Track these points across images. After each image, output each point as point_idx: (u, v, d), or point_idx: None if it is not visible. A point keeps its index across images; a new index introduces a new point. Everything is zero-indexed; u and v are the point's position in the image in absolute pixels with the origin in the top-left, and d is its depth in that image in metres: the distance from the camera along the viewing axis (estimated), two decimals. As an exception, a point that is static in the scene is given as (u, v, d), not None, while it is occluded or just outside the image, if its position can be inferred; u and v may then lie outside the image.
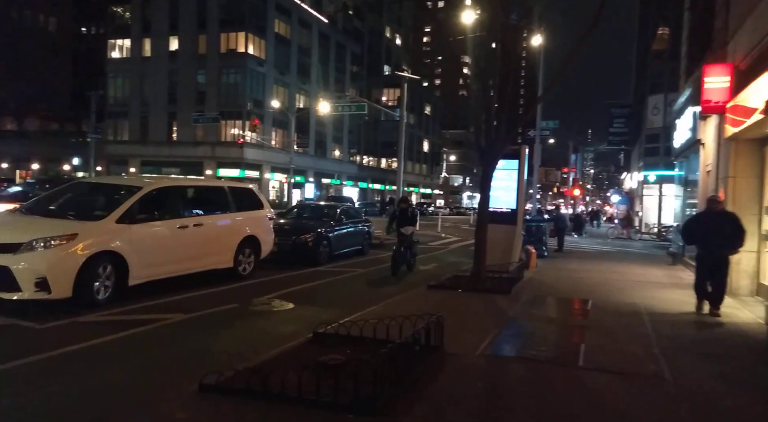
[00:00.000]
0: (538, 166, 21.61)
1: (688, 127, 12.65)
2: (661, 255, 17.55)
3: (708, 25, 11.41)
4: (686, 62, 14.47)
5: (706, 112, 9.27)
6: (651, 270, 12.77)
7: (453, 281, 9.60)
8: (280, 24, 44.82)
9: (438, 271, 11.78)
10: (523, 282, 10.05)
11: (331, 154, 54.71)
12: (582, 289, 9.50)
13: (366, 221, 14.52)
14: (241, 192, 9.38)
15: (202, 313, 6.66)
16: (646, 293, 9.18)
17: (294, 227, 11.66)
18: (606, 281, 10.61)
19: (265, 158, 42.30)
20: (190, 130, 41.68)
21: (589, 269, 12.69)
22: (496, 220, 11.74)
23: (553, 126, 20.84)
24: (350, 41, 58.12)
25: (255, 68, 41.67)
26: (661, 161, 31.51)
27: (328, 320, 6.44)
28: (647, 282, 10.73)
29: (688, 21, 14.14)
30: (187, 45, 42.33)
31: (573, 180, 37.46)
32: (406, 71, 72.54)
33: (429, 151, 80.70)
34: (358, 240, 13.69)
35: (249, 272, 9.19)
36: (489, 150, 9.74)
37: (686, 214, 14.44)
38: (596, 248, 20.74)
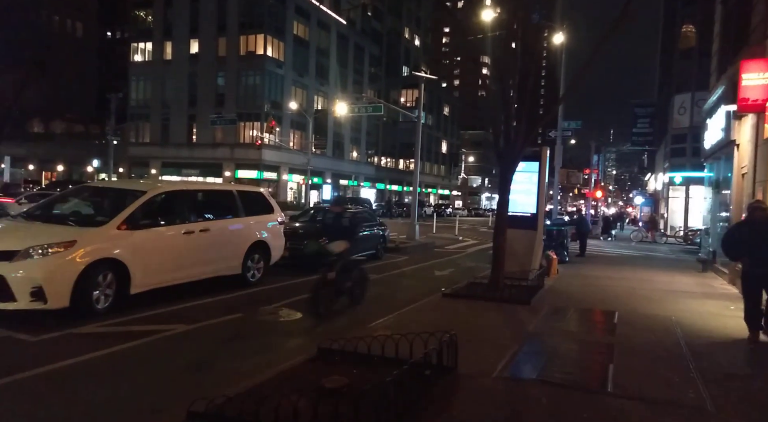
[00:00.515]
0: (560, 167, 20.95)
1: (720, 127, 11.96)
2: (689, 261, 16.78)
3: (744, 19, 10.74)
4: (717, 59, 13.74)
5: (743, 110, 8.65)
6: (680, 278, 12.12)
7: (469, 289, 9.17)
8: (298, 26, 44.80)
9: (454, 277, 11.37)
10: (544, 291, 9.56)
11: (348, 155, 54.53)
12: (607, 299, 8.97)
13: (381, 224, 14.16)
14: (250, 196, 9.11)
15: (205, 324, 6.37)
16: (676, 304, 8.60)
17: (307, 231, 11.35)
18: (632, 290, 10.05)
19: (283, 160, 42.31)
20: (209, 132, 41.92)
21: (613, 276, 12.11)
22: (515, 225, 11.25)
23: (575, 126, 20.15)
24: (368, 42, 57.91)
25: (273, 70, 41.71)
26: (688, 162, 30.38)
27: (336, 333, 6.11)
28: (677, 291, 10.12)
29: (720, 15, 13.42)
30: (207, 48, 42.62)
31: (595, 181, 36.48)
32: (424, 72, 72.48)
33: (447, 151, 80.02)
34: (372, 244, 13.34)
35: (258, 278, 8.91)
36: (508, 152, 9.29)
37: (718, 218, 13.70)
38: (620, 252, 20.00)
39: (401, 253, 15.53)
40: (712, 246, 13.79)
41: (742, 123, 10.53)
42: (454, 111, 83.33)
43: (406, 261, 14.01)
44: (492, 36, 10.01)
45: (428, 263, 13.89)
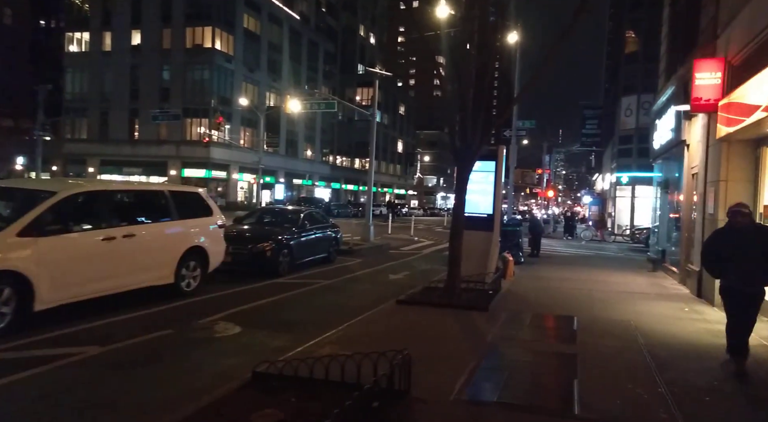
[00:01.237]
0: (514, 167, 20.97)
1: (670, 127, 12.08)
2: (639, 260, 17.08)
3: (692, 20, 10.82)
4: (666, 61, 13.95)
5: (696, 110, 8.61)
6: (633, 278, 12.16)
7: (425, 294, 8.71)
8: (249, 19, 43.30)
9: (410, 281, 10.89)
10: (501, 295, 9.23)
11: (303, 154, 53.37)
12: (564, 302, 8.72)
13: (333, 226, 13.50)
14: (185, 197, 8.25)
15: (124, 344, 5.55)
16: (633, 306, 8.45)
17: (252, 234, 10.56)
18: (588, 292, 9.89)
19: (233, 158, 40.75)
20: (153, 129, 39.83)
21: (568, 277, 11.99)
22: (471, 226, 10.89)
23: (530, 126, 20.26)
24: (323, 39, 56.91)
25: (222, 64, 40.10)
26: (634, 163, 31.46)
27: (278, 350, 5.45)
28: (631, 292, 10.05)
29: (668, 17, 13.62)
30: (151, 39, 40.46)
31: (547, 181, 37.22)
32: (380, 70, 72.02)
33: (403, 151, 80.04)
34: (324, 247, 12.67)
35: (194, 288, 8.08)
36: (465, 150, 8.88)
37: (667, 218, 13.91)
38: (573, 252, 20.22)
39: (355, 256, 14.93)
40: (661, 245, 13.99)
41: (692, 123, 10.59)
42: (410, 110, 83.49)
43: (360, 264, 13.44)
44: (448, 34, 9.56)
45: (383, 266, 13.37)
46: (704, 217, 9.33)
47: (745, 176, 8.23)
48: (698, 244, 9.71)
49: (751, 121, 6.71)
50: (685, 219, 11.15)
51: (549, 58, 8.21)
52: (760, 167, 8.07)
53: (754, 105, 6.60)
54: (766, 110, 6.15)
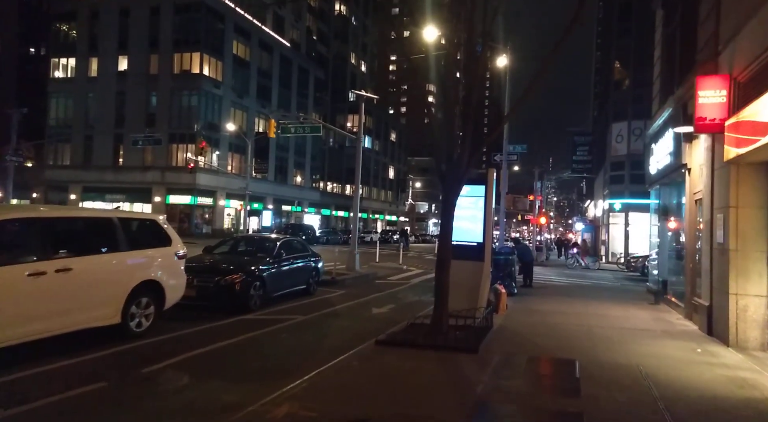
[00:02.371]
0: (506, 192, 20.33)
1: (668, 151, 11.47)
2: (637, 291, 16.27)
3: (688, 40, 10.33)
4: (660, 83, 13.47)
5: (700, 131, 7.97)
6: (634, 312, 11.31)
7: (408, 333, 7.80)
8: (239, 46, 43.18)
9: (394, 315, 9.99)
10: (494, 332, 8.35)
11: (292, 180, 52.66)
12: (563, 341, 7.84)
13: (314, 255, 12.61)
14: (138, 225, 7.39)
15: (40, 404, 4.60)
16: (640, 347, 7.59)
17: (220, 265, 9.64)
18: (588, 328, 9.02)
19: (219, 184, 39.90)
20: (138, 155, 39.02)
21: (565, 311, 11.13)
22: (460, 256, 10.06)
23: (521, 150, 19.70)
24: (313, 66, 57.04)
25: (210, 90, 39.67)
26: (627, 189, 31.04)
27: (226, 409, 4.50)
28: (635, 329, 9.19)
29: (660, 39, 13.20)
30: (137, 65, 40.06)
31: (539, 207, 36.67)
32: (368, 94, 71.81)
33: (395, 177, 79.73)
34: (302, 278, 11.75)
35: (146, 328, 7.12)
36: (451, 173, 8.16)
37: (667, 247, 13.18)
38: (567, 281, 19.39)
39: (338, 287, 14.00)
40: (662, 275, 13.21)
41: (693, 146, 9.97)
42: (402, 137, 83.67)
43: (342, 296, 12.50)
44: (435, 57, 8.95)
45: (367, 298, 12.45)
46: (712, 247, 8.58)
47: (757, 202, 7.52)
48: (706, 276, 8.94)
49: (766, 142, 6.03)
50: (689, 249, 10.40)
51: (541, 71, 7.58)
52: (773, 192, 7.37)
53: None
54: (787, 127, 5.47)
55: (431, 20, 9.20)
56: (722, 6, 8.24)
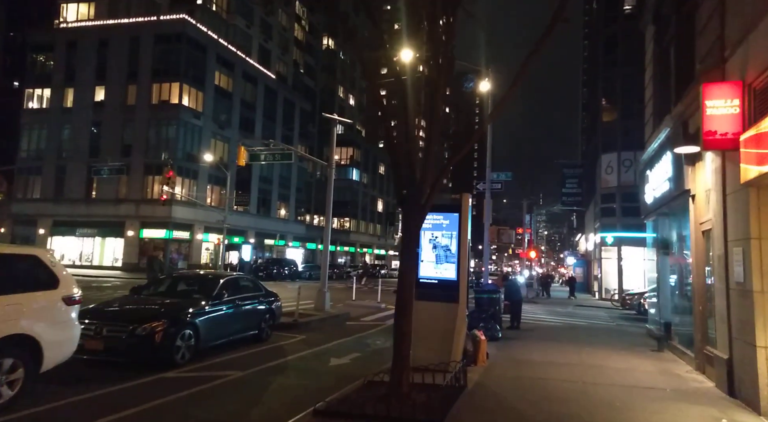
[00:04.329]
0: (489, 224, 18.95)
1: (667, 176, 10.18)
2: (635, 332, 14.72)
3: (686, 51, 9.23)
4: (653, 104, 12.38)
5: (710, 147, 6.67)
6: (636, 362, 9.73)
7: (360, 396, 6.20)
8: (221, 76, 42.43)
9: (356, 368, 8.38)
10: (468, 394, 6.75)
11: (276, 213, 51.12)
12: (553, 408, 6.26)
13: (268, 295, 11.00)
14: (10, 262, 5.80)
15: None
16: (650, 417, 6.02)
17: (139, 310, 8.03)
18: (583, 386, 7.43)
19: (197, 217, 38.26)
20: (111, 187, 37.43)
21: (556, 361, 9.53)
22: (430, 296, 8.58)
23: (506, 178, 18.48)
24: (300, 98, 56.51)
25: (190, 120, 38.57)
26: (619, 222, 29.90)
27: None
28: (639, 387, 7.61)
29: (652, 58, 12.17)
30: (115, 95, 39.01)
31: (528, 241, 35.32)
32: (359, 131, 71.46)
33: (383, 210, 78.48)
34: (252, 322, 10.11)
35: (9, 399, 5.45)
36: (413, 196, 6.74)
37: (669, 284, 11.73)
38: (558, 321, 17.79)
39: (299, 331, 12.33)
40: (664, 317, 11.70)
41: (696, 169, 8.69)
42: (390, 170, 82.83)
43: (300, 343, 10.84)
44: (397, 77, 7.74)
45: (329, 345, 10.80)
46: (728, 287, 7.14)
47: (784, 232, 6.13)
48: (722, 322, 7.46)
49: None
50: (697, 288, 8.95)
51: (522, 72, 6.31)
52: (803, 220, 6.00)
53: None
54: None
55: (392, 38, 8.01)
56: (727, 5, 7.10)
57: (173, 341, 7.71)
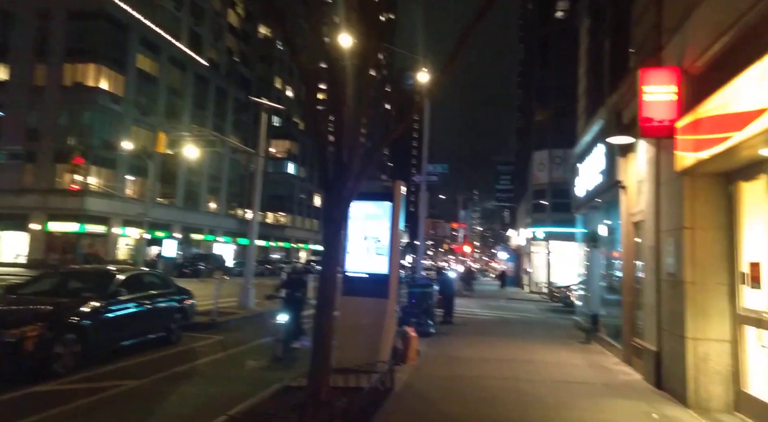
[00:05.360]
0: (425, 216, 18.61)
1: (599, 169, 10.14)
2: (564, 325, 14.86)
3: (620, 43, 9.15)
4: (586, 99, 12.44)
5: (647, 134, 6.46)
6: (566, 355, 9.59)
7: (270, 407, 5.42)
8: (144, 60, 39.47)
9: (272, 373, 7.55)
10: (394, 398, 6.14)
11: (205, 206, 48.54)
12: (485, 410, 5.79)
13: (180, 292, 9.90)
14: None
15: None
16: (582, 415, 5.69)
17: (7, 313, 6.75)
18: (516, 384, 7.06)
19: (115, 210, 35.34)
20: (14, 175, 33.66)
21: (488, 357, 9.19)
22: (357, 292, 7.93)
23: (443, 170, 18.27)
24: (234, 87, 53.97)
25: (108, 105, 35.52)
26: (549, 218, 30.80)
27: None
28: (571, 383, 7.36)
29: (586, 52, 12.21)
30: (20, 75, 35.14)
31: (463, 236, 35.72)
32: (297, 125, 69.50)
33: (321, 205, 77.12)
34: (158, 323, 9.00)
35: None
36: (338, 183, 6.02)
37: (599, 277, 11.80)
38: (489, 314, 17.77)
39: (216, 331, 11.29)
40: (592, 309, 11.76)
41: (629, 160, 8.61)
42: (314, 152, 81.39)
43: (215, 344, 9.84)
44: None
45: (248, 345, 9.89)
46: (659, 278, 7.02)
47: (716, 222, 6.01)
48: (651, 313, 7.35)
49: (744, 137, 4.45)
50: (626, 280, 8.90)
51: (462, 42, 5.75)
52: (734, 209, 5.90)
53: (750, 111, 4.35)
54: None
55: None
56: (663, -6, 6.94)
57: (50, 347, 6.54)
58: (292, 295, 8.89)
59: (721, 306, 5.96)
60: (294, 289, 8.99)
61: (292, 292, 8.91)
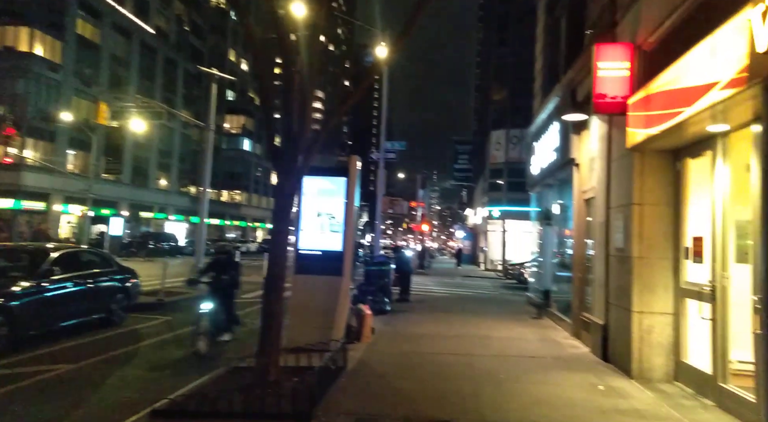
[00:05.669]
0: (382, 194, 18.49)
1: (553, 147, 10.23)
2: (516, 301, 15.22)
3: (578, 21, 9.14)
4: (543, 77, 12.49)
5: (600, 110, 6.48)
6: (518, 330, 9.77)
7: (216, 389, 5.17)
8: (85, 26, 36.89)
9: (220, 353, 7.24)
10: (347, 376, 6.04)
11: (154, 183, 46.58)
12: (439, 385, 5.76)
13: (122, 271, 9.37)
14: None
15: None
16: (532, 388, 5.75)
17: None
18: (469, 359, 7.10)
19: (55, 186, 33.32)
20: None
21: (443, 333, 9.23)
22: (310, 269, 7.73)
23: (400, 148, 18.11)
24: (184, 59, 51.44)
25: (44, 73, 33.11)
26: (505, 197, 31.38)
27: None
28: (522, 357, 7.48)
29: (543, 30, 12.20)
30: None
31: (422, 215, 35.96)
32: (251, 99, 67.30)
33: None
34: (98, 303, 8.51)
35: None
36: (290, 154, 5.73)
37: (552, 254, 12.05)
38: (446, 291, 18.00)
39: (163, 311, 10.84)
40: (544, 285, 12.04)
41: (582, 138, 8.69)
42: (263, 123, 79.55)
43: (161, 325, 9.43)
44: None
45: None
46: (608, 254, 7.16)
47: (663, 198, 6.13)
48: (599, 288, 7.53)
49: (693, 113, 4.47)
50: (577, 256, 9.09)
51: (419, 8, 5.51)
52: (681, 186, 6.02)
53: (700, 86, 4.36)
54: (734, 85, 3.87)
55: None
56: (620, -34, 6.89)
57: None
58: (219, 279, 7.60)
59: (666, 280, 6.13)
60: (221, 272, 7.65)
61: (218, 275, 7.63)
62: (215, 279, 7.61)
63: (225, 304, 7.57)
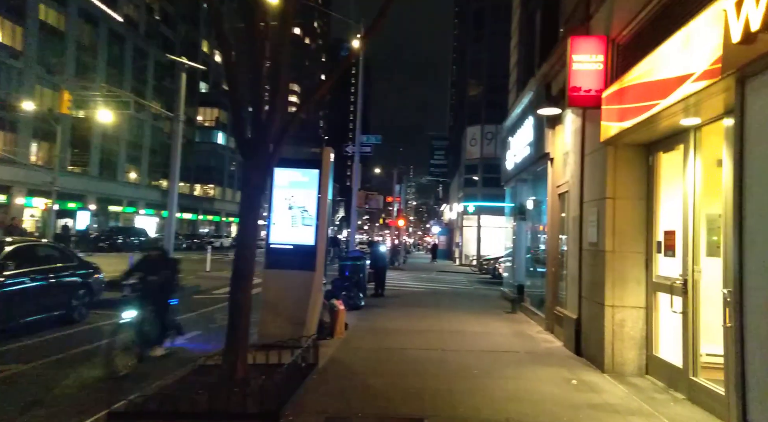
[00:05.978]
0: (357, 188, 18.29)
1: (528, 141, 10.23)
2: (491, 296, 15.27)
3: (552, 15, 9.11)
4: (518, 72, 12.49)
5: (575, 103, 6.44)
6: (493, 325, 9.76)
7: (180, 389, 4.94)
8: (48, 12, 35.43)
9: (188, 352, 6.99)
10: (318, 373, 5.88)
11: (124, 176, 45.24)
12: (411, 382, 5.65)
13: (84, 266, 8.97)
14: None
15: None
16: (505, 383, 5.70)
17: None
18: (443, 356, 7.02)
19: (17, 178, 32.00)
20: None
21: (416, 328, 9.14)
22: (282, 264, 7.52)
23: (376, 141, 17.91)
24: (154, 49, 49.98)
25: (5, 60, 31.69)
26: (480, 192, 31.57)
27: None
28: (496, 352, 7.44)
29: (518, 25, 12.18)
30: None
31: (398, 210, 35.90)
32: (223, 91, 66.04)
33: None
34: (57, 300, 8.12)
35: None
36: (258, 143, 5.51)
37: (525, 249, 12.08)
38: (421, 287, 17.96)
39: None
40: (518, 280, 12.08)
41: (556, 132, 8.68)
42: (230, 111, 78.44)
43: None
44: None
45: (164, 323, 9.15)
46: (581, 248, 7.16)
47: (636, 192, 6.14)
48: (573, 283, 7.53)
49: (671, 102, 4.44)
50: (550, 251, 9.10)
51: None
52: (654, 180, 6.04)
53: (675, 77, 4.33)
54: (707, 77, 3.83)
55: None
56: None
57: None
58: (145, 280, 6.43)
59: (638, 274, 6.15)
60: (149, 272, 6.47)
61: (144, 276, 6.45)
62: (141, 281, 6.43)
63: (156, 311, 6.38)
